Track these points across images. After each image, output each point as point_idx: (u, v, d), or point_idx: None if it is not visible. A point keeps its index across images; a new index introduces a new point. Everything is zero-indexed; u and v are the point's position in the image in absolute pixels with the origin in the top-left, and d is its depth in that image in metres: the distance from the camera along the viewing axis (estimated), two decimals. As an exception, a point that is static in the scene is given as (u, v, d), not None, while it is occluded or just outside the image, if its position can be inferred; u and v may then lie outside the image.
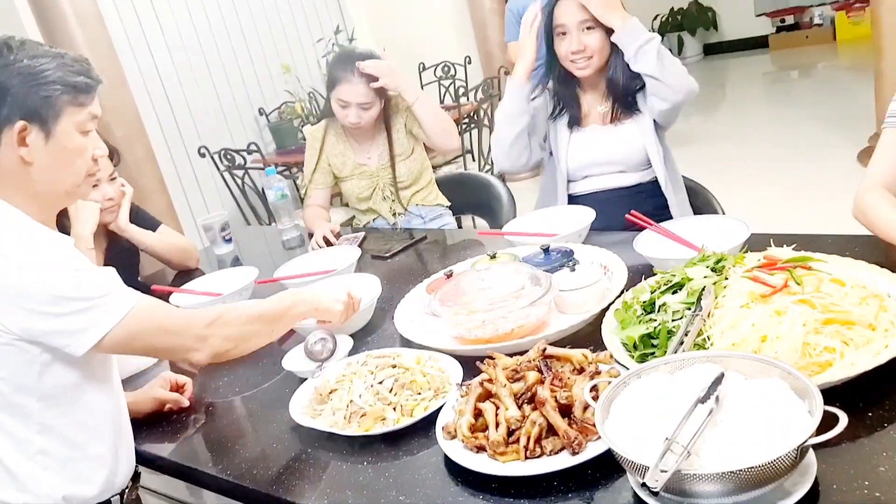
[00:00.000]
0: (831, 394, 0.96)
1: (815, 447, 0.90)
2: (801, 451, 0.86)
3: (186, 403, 1.56)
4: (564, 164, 2.10)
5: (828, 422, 0.87)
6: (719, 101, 7.07)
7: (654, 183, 2.09)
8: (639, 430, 0.95)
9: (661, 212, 2.05)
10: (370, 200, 2.64)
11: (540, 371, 1.19)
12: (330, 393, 1.38)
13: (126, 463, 1.35)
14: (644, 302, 1.30)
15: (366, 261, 2.16)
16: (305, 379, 1.49)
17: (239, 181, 4.35)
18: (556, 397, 1.12)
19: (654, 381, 1.04)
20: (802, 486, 0.90)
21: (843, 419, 0.86)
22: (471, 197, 2.70)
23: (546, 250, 1.64)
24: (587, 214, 1.87)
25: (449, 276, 1.65)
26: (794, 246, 1.29)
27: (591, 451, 1.06)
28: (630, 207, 1.87)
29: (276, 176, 2.65)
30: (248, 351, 1.40)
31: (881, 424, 1.00)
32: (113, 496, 1.32)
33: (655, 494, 0.83)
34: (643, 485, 0.83)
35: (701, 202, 2.16)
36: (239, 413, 1.54)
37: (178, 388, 1.58)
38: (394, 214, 2.66)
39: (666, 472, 0.85)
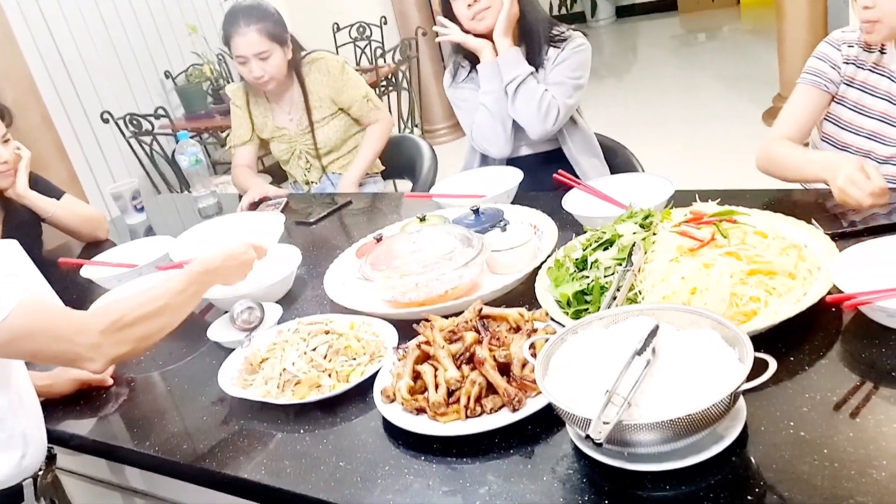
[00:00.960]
0: (757, 341, 1.00)
1: (745, 392, 0.93)
2: (734, 397, 0.89)
3: (110, 382, 1.48)
4: None
5: (757, 368, 0.90)
6: (631, 64, 7.22)
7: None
8: (578, 384, 0.96)
9: (575, 173, 2.07)
10: (288, 164, 2.60)
11: (477, 331, 1.18)
12: (261, 362, 1.34)
13: (35, 445, 1.26)
14: (576, 259, 1.32)
15: (288, 227, 2.09)
16: (233, 349, 1.44)
17: (147, 148, 4.15)
18: (494, 356, 1.12)
19: (590, 335, 1.06)
20: (734, 429, 0.94)
21: (773, 364, 0.89)
22: (396, 159, 2.65)
23: (476, 211, 1.63)
24: (514, 175, 1.87)
25: (379, 239, 1.63)
26: (717, 201, 1.33)
27: (531, 406, 1.07)
28: (555, 168, 1.89)
29: (188, 140, 2.54)
30: (152, 346, 1.28)
31: (802, 367, 1.05)
32: (24, 480, 1.24)
33: (599, 446, 0.84)
34: (587, 437, 0.85)
35: (621, 161, 2.20)
36: (164, 387, 1.47)
37: None
38: (307, 183, 2.59)
39: (608, 423, 0.86)
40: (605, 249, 1.30)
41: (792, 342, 1.09)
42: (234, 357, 1.41)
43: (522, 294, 1.41)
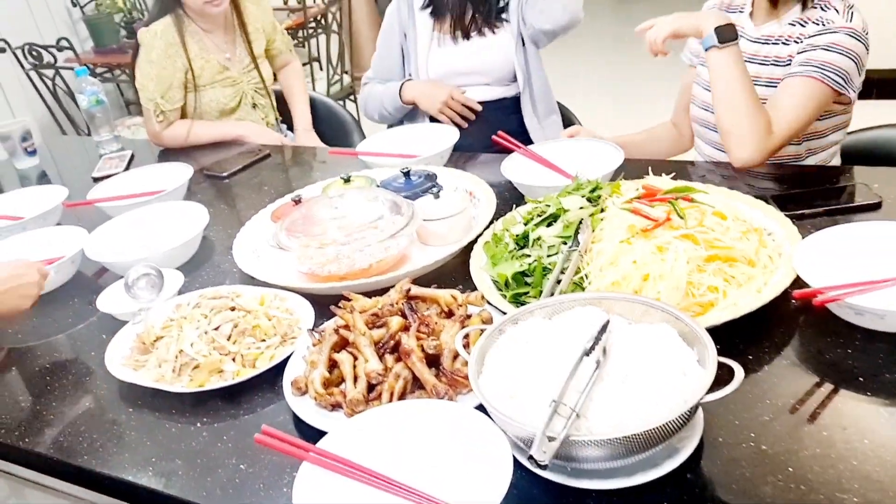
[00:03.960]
0: (711, 335, 0.89)
1: (702, 398, 0.83)
2: (694, 409, 0.79)
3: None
4: (426, 75, 1.91)
5: (720, 373, 0.79)
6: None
7: (519, 98, 1.97)
8: (518, 386, 0.84)
9: (526, 131, 1.93)
10: (238, 111, 2.27)
11: (404, 315, 1.04)
12: (155, 341, 1.17)
13: None
14: (517, 235, 1.18)
15: (197, 181, 1.88)
16: (127, 322, 1.26)
17: (49, 83, 3.78)
18: (422, 346, 0.98)
19: (531, 327, 0.93)
20: (690, 441, 0.83)
21: (739, 373, 0.78)
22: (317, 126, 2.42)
23: (406, 174, 1.48)
24: (450, 134, 1.71)
25: (297, 202, 1.45)
26: (672, 175, 1.22)
27: (462, 405, 0.94)
28: (493, 124, 1.76)
29: (88, 77, 2.26)
30: None
31: (761, 368, 0.95)
32: None
33: (543, 468, 0.72)
34: (530, 457, 0.72)
35: (564, 123, 2.06)
36: (43, 364, 1.28)
37: None
38: (268, 125, 2.34)
39: (554, 439, 0.74)
40: (549, 225, 1.18)
41: (749, 338, 0.99)
42: (125, 333, 1.23)
43: (455, 270, 1.27)
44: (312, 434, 0.96)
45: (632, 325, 0.91)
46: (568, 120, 2.06)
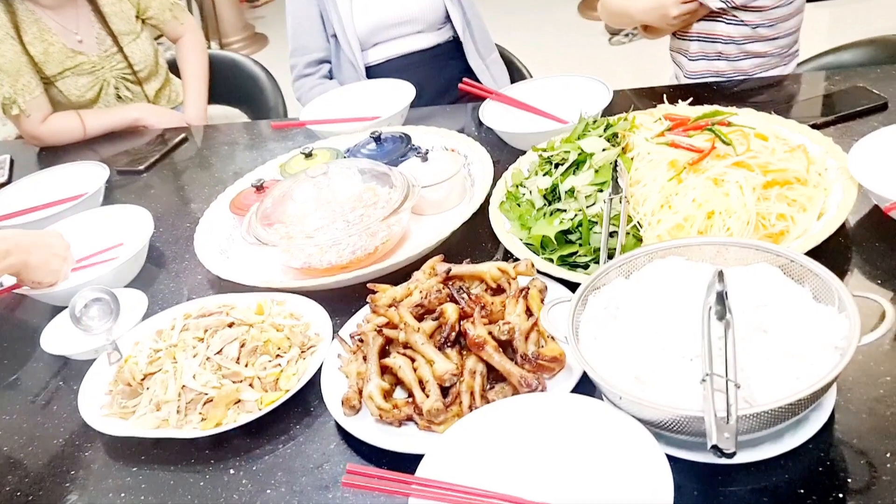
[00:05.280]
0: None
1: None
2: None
3: None
4: (353, 31, 1.71)
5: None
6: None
7: (455, 42, 1.81)
8: (640, 364, 0.73)
9: (468, 77, 1.78)
10: (97, 104, 1.93)
11: (453, 300, 0.90)
12: (143, 380, 0.96)
13: None
14: (545, 189, 1.06)
15: (112, 181, 1.59)
16: (90, 360, 1.04)
17: None
18: (492, 334, 0.85)
19: (614, 292, 0.82)
20: (829, 390, 0.76)
21: (890, 310, 0.70)
22: (220, 84, 2.12)
23: (377, 138, 1.30)
24: (403, 89, 1.53)
25: (259, 188, 1.24)
26: (689, 101, 1.13)
27: (553, 391, 0.82)
28: (434, 73, 1.62)
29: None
30: None
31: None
32: None
33: (730, 456, 0.62)
34: (713, 447, 0.62)
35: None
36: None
37: None
38: None
39: (726, 418, 0.64)
40: (574, 173, 1.06)
41: (826, 263, 0.93)
42: (95, 375, 1.01)
43: (462, 239, 1.13)
44: (377, 458, 0.82)
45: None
46: (506, 57, 1.93)
